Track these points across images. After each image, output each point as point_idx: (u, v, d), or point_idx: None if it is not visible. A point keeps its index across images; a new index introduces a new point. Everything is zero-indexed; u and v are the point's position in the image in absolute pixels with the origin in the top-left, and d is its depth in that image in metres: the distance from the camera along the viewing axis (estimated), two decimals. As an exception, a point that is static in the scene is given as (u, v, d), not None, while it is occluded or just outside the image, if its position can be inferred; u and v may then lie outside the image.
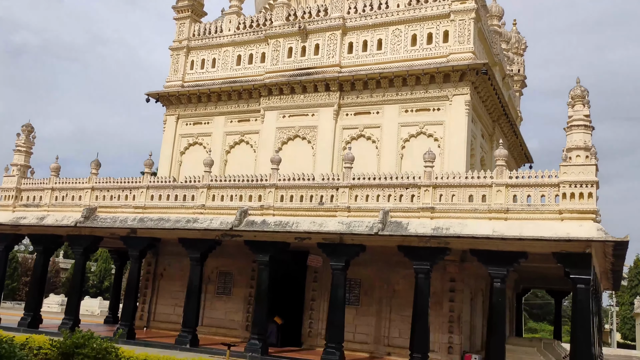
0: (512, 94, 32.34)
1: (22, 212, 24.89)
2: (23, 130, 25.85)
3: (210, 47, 27.87)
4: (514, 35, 34.49)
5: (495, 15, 28.28)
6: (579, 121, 17.43)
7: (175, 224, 21.23)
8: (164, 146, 27.62)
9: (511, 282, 30.96)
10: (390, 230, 18.13)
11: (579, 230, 16.24)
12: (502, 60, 28.64)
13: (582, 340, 16.25)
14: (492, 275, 17.43)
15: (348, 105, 24.34)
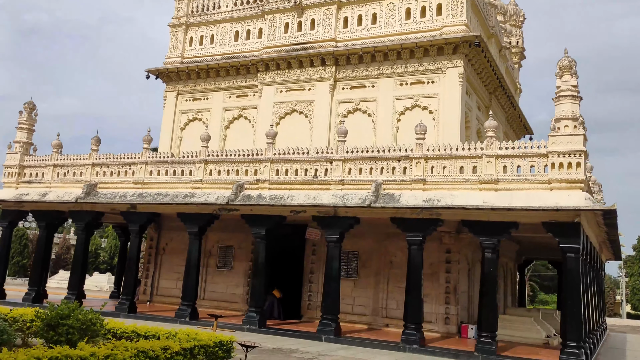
0: (511, 66, 32.30)
1: (25, 189, 25.32)
2: (25, 107, 26.17)
3: (209, 23, 28.03)
4: (512, 7, 34.45)
5: (491, -12, 28.22)
6: (567, 91, 17.50)
7: (173, 198, 21.57)
8: (165, 122, 27.92)
9: (512, 253, 31.21)
10: (383, 203, 18.38)
11: (568, 199, 16.39)
12: (499, 32, 28.59)
13: (572, 308, 16.47)
14: (483, 246, 17.66)
15: (344, 80, 24.49)
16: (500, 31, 29.27)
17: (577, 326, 16.34)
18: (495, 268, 17.72)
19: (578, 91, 17.61)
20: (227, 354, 11.34)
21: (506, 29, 32.37)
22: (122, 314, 21.87)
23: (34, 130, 26.45)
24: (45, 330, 10.35)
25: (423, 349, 17.61)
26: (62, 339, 10.26)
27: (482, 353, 16.77)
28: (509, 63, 31.71)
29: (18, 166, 25.62)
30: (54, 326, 10.44)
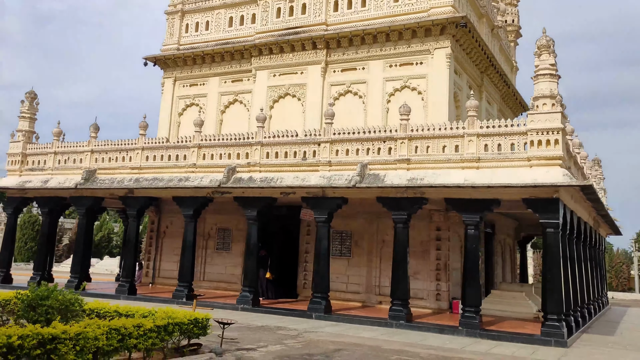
0: (506, 45, 32.44)
1: (27, 176, 26.04)
2: (27, 97, 26.83)
3: (204, 9, 28.47)
4: (508, -14, 34.51)
5: (482, -34, 28.24)
6: (545, 70, 17.74)
7: (168, 182, 22.15)
8: (163, 108, 28.51)
9: (510, 230, 31.58)
10: (368, 182, 18.80)
11: (546, 176, 16.70)
12: (490, 11, 28.73)
13: (552, 282, 16.84)
14: (466, 222, 18.07)
15: (335, 62, 24.85)
16: (493, 10, 29.40)
17: (558, 300, 16.71)
18: (478, 244, 18.15)
19: (556, 69, 17.85)
20: (202, 330, 11.86)
21: (499, 8, 32.44)
22: (122, 296, 22.60)
23: (36, 119, 27.11)
24: (27, 311, 10.91)
25: (409, 324, 18.11)
26: (42, 318, 10.75)
27: (465, 327, 17.22)
28: (504, 42, 31.82)
29: (21, 154, 26.32)
30: (34, 307, 10.99)
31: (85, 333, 9.01)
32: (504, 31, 32.24)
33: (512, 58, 34.02)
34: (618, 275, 64.37)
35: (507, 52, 32.46)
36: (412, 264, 22.13)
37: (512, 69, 33.96)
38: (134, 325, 10.12)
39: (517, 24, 34.56)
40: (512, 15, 34.33)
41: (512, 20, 34.34)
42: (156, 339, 10.45)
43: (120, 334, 9.72)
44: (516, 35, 34.72)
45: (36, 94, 26.93)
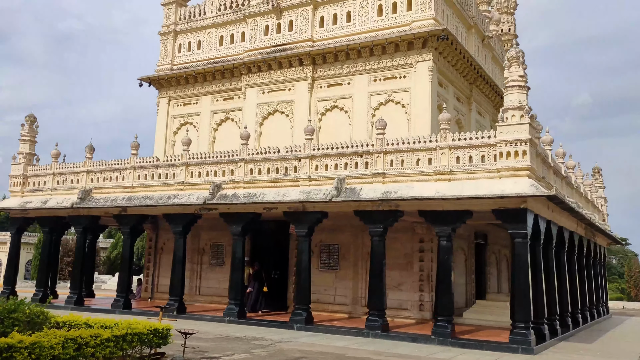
0: (501, 54, 32.60)
1: (28, 197, 26.92)
2: (26, 120, 27.75)
3: (195, 29, 29.20)
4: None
5: (469, -22, 28.54)
6: (514, 82, 18.06)
7: (157, 200, 22.78)
8: (158, 127, 29.23)
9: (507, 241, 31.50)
10: (344, 197, 19.19)
11: (513, 187, 16.92)
12: (481, 22, 28.97)
13: (520, 291, 17.04)
14: (438, 234, 18.33)
15: (321, 78, 25.32)
16: (484, 21, 29.63)
17: (525, 308, 16.90)
18: (451, 255, 18.29)
19: (525, 81, 18.15)
20: (163, 340, 12.35)
21: (492, 17, 32.63)
22: (118, 310, 23.26)
23: (36, 142, 28.00)
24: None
25: (385, 334, 18.42)
26: (9, 330, 11.39)
27: (438, 336, 17.50)
28: (498, 51, 32.01)
29: (22, 176, 27.22)
30: (2, 319, 11.65)
31: (41, 342, 9.51)
32: (497, 41, 32.42)
33: (507, 67, 34.07)
34: (637, 284, 63.51)
35: (502, 62, 32.56)
36: (395, 276, 22.57)
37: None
38: (91, 335, 10.62)
39: (513, 33, 34.72)
40: (508, 24, 34.54)
41: (508, 29, 34.54)
42: (114, 348, 10.95)
43: (77, 343, 10.21)
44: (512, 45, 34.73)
45: (35, 117, 27.84)
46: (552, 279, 20.53)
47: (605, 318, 31.28)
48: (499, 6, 34.82)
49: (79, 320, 13.40)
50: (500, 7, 34.73)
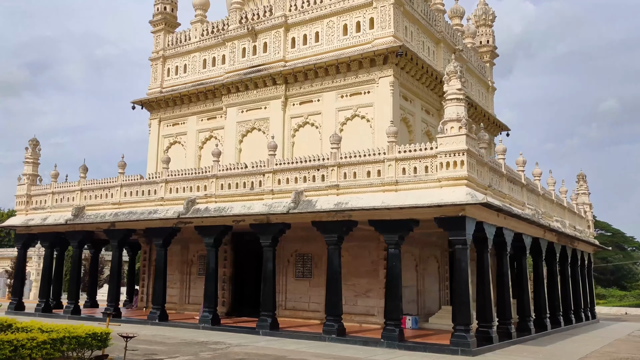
0: (479, 66, 33.62)
1: (31, 215, 28.93)
2: (30, 144, 29.81)
3: (182, 54, 30.96)
4: (481, 7, 35.92)
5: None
6: (453, 95, 19.13)
7: (140, 215, 24.42)
8: (150, 147, 31.00)
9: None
10: (301, 208, 20.51)
11: (451, 195, 17.96)
12: (451, 35, 30.02)
13: (460, 296, 18.10)
14: (386, 242, 19.53)
15: (293, 96, 26.70)
16: (455, 34, 30.67)
17: (465, 312, 17.90)
18: (399, 262, 19.44)
19: (463, 94, 19.22)
20: (102, 343, 13.79)
21: (465, 31, 33.77)
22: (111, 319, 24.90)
23: (39, 163, 30.04)
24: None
25: (340, 337, 19.66)
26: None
27: (386, 339, 18.64)
28: (474, 63, 33.04)
29: (26, 195, 29.28)
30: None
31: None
32: (474, 53, 33.43)
33: (487, 78, 35.14)
34: None
35: (478, 73, 33.63)
36: (364, 283, 23.77)
37: (488, 89, 35.10)
38: (28, 338, 12.12)
39: (492, 44, 35.69)
40: (486, 36, 35.50)
41: (486, 41, 35.49)
42: (50, 349, 12.40)
43: (13, 345, 11.71)
44: (492, 56, 35.88)
45: (38, 141, 29.87)
46: (507, 283, 21.45)
47: (588, 323, 31.64)
48: (477, 19, 35.83)
49: (33, 325, 14.92)
50: (479, 20, 35.76)
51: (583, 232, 30.62)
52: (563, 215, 29.32)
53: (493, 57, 36.17)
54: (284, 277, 25.76)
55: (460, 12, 32.89)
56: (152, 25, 32.02)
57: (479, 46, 35.59)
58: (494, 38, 35.83)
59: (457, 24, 32.46)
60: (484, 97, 34.66)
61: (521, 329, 22.44)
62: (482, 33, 35.74)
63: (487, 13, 35.62)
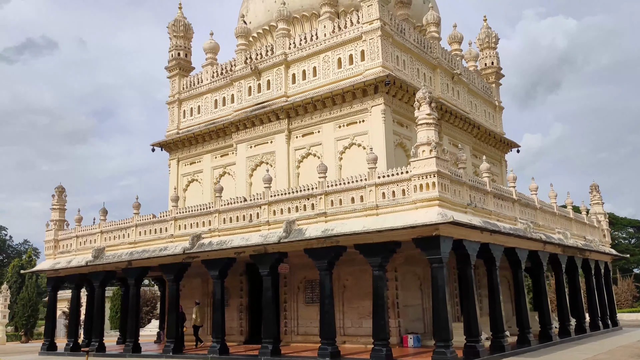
0: (484, 87, 34.13)
1: (59, 259, 30.71)
2: (56, 191, 31.70)
3: (195, 96, 32.61)
4: (484, 30, 36.80)
5: (432, 22, 30.35)
6: (423, 120, 19.71)
7: (152, 253, 25.75)
8: (171, 186, 32.54)
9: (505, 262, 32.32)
10: (292, 237, 21.36)
11: (424, 216, 18.51)
12: (449, 60, 30.67)
13: (439, 312, 18.54)
14: (371, 264, 20.11)
15: (296, 129, 27.80)
16: (454, 59, 31.28)
17: (444, 328, 18.33)
18: (383, 284, 20.05)
19: (433, 118, 19.82)
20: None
21: (470, 53, 34.48)
22: (128, 354, 26.26)
23: (65, 209, 31.86)
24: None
25: None
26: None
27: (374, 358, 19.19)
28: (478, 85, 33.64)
29: (53, 240, 31.11)
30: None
31: None
32: (477, 75, 34.00)
33: (494, 98, 35.61)
34: None
35: (483, 94, 34.12)
36: (367, 305, 24.09)
37: (495, 108, 35.50)
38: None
39: (496, 66, 36.33)
40: (490, 58, 36.34)
41: (491, 63, 36.29)
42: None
43: None
44: (497, 76, 36.38)
45: (64, 187, 31.78)
46: (498, 297, 21.67)
47: (608, 331, 31.38)
48: (481, 42, 36.66)
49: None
50: (482, 43, 36.60)
51: (593, 242, 30.31)
52: (569, 226, 29.26)
53: (499, 78, 36.77)
54: (294, 303, 26.56)
55: (459, 38, 33.53)
56: (168, 71, 33.85)
57: (483, 68, 36.31)
58: (498, 59, 36.50)
59: (457, 49, 33.14)
60: (491, 116, 35.11)
61: (520, 341, 22.61)
62: (487, 55, 36.47)
63: (490, 36, 36.40)
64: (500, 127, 35.40)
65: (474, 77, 33.30)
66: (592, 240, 30.39)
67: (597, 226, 33.21)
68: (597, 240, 31.60)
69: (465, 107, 31.24)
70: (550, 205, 27.61)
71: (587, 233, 31.27)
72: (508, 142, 34.94)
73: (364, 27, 26.09)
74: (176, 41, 33.86)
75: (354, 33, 26.53)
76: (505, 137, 34.44)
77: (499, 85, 36.82)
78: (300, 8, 31.95)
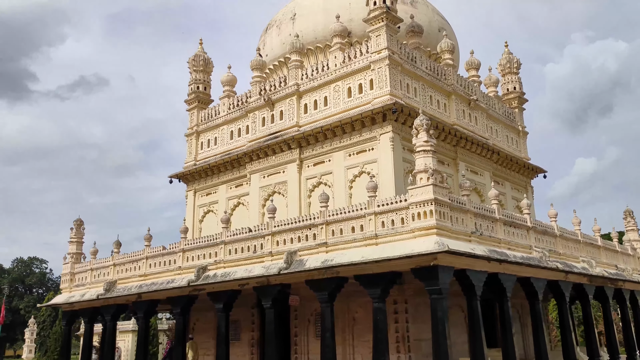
0: (506, 112, 33.27)
1: (74, 292, 30.77)
2: (74, 224, 31.94)
3: (212, 128, 32.67)
4: (505, 56, 36.13)
5: (446, 50, 29.80)
6: (420, 147, 19.10)
7: (159, 286, 25.48)
8: (187, 217, 32.45)
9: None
10: (293, 268, 20.79)
11: (422, 245, 17.74)
12: (465, 87, 29.96)
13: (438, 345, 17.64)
14: (370, 296, 19.38)
15: (307, 158, 27.40)
16: (471, 85, 30.60)
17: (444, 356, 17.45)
18: (383, 316, 19.23)
19: (431, 145, 19.15)
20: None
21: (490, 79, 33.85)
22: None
23: (83, 242, 32.03)
24: None
25: (334, 396, 19.51)
26: None
27: (373, 395, 18.36)
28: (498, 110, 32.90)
29: (70, 274, 31.25)
30: None
31: None
32: (497, 100, 33.31)
33: (517, 124, 34.74)
34: None
35: (505, 120, 33.32)
36: (375, 339, 23.39)
37: (519, 133, 34.53)
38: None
39: (519, 90, 35.63)
40: (513, 83, 35.68)
41: (513, 88, 35.63)
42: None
43: None
44: (520, 101, 35.54)
45: (82, 221, 32.01)
46: (509, 330, 20.64)
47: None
48: (502, 68, 36.06)
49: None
50: (504, 69, 35.98)
51: (626, 271, 28.77)
52: (597, 254, 27.93)
53: (522, 103, 35.94)
54: (305, 337, 25.80)
55: (476, 64, 32.86)
56: (187, 104, 34.08)
57: (506, 93, 35.69)
58: (520, 84, 35.87)
59: (474, 75, 32.53)
60: (514, 142, 34.23)
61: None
62: (509, 80, 35.81)
63: (511, 62, 35.73)
64: (524, 152, 34.38)
65: (493, 103, 32.56)
66: (625, 269, 28.91)
67: (632, 254, 31.69)
68: (630, 268, 30.05)
69: (484, 133, 30.41)
70: (573, 233, 26.41)
71: (620, 261, 29.83)
72: (533, 167, 33.91)
73: (373, 57, 25.74)
74: (196, 75, 34.17)
75: (363, 62, 26.19)
76: (529, 163, 33.42)
77: (522, 110, 35.93)
78: (314, 40, 31.87)
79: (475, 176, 29.27)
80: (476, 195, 28.96)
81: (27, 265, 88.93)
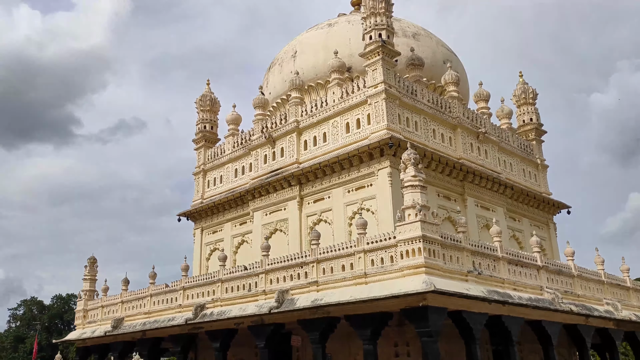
0: (522, 144, 32.75)
1: (86, 328, 31.01)
2: (88, 262, 32.36)
3: (218, 166, 32.97)
4: (520, 86, 35.36)
5: (450, 82, 29.51)
6: (408, 182, 18.74)
7: (161, 323, 25.47)
8: (195, 255, 32.60)
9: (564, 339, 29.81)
10: (283, 308, 20.53)
11: (409, 285, 17.25)
12: (472, 120, 29.59)
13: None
14: (360, 337, 18.97)
15: (307, 195, 27.31)
16: (479, 117, 30.18)
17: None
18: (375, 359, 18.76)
19: (419, 180, 18.82)
20: None
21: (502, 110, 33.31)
22: None
23: (96, 279, 32.38)
24: None
25: None
26: None
27: None
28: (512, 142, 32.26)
29: (83, 310, 31.51)
30: None
31: None
32: (511, 133, 32.74)
33: (535, 156, 33.96)
34: None
35: (521, 153, 32.67)
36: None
37: (538, 167, 33.77)
38: None
39: (536, 122, 34.63)
40: (529, 114, 34.72)
41: (529, 119, 34.66)
42: None
43: None
44: (538, 133, 34.58)
45: (95, 258, 32.34)
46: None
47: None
48: (517, 99, 35.20)
49: None
50: (519, 100, 35.11)
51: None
52: (625, 296, 26.84)
53: (540, 135, 34.90)
54: (307, 377, 25.38)
55: (485, 96, 32.38)
56: (194, 143, 34.46)
57: (522, 125, 34.82)
58: (537, 115, 34.82)
59: (483, 107, 32.06)
60: (532, 175, 33.38)
61: None
62: (524, 112, 34.93)
63: (527, 92, 34.84)
64: (544, 186, 33.50)
65: (507, 135, 32.03)
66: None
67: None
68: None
69: (496, 167, 29.89)
70: (594, 272, 25.41)
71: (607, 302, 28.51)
72: (554, 202, 32.97)
73: (369, 91, 25.67)
74: (203, 115, 34.69)
75: (360, 97, 26.15)
76: (550, 198, 32.56)
77: (540, 142, 35.07)
78: (314, 76, 31.99)
79: (486, 212, 28.64)
80: (487, 231, 28.29)
81: (66, 301, 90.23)
